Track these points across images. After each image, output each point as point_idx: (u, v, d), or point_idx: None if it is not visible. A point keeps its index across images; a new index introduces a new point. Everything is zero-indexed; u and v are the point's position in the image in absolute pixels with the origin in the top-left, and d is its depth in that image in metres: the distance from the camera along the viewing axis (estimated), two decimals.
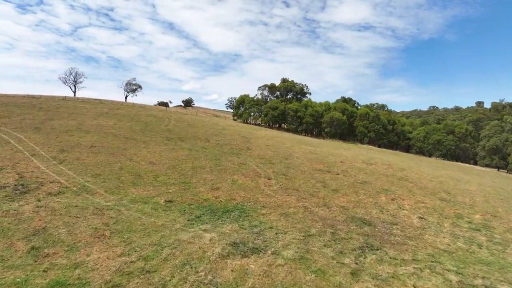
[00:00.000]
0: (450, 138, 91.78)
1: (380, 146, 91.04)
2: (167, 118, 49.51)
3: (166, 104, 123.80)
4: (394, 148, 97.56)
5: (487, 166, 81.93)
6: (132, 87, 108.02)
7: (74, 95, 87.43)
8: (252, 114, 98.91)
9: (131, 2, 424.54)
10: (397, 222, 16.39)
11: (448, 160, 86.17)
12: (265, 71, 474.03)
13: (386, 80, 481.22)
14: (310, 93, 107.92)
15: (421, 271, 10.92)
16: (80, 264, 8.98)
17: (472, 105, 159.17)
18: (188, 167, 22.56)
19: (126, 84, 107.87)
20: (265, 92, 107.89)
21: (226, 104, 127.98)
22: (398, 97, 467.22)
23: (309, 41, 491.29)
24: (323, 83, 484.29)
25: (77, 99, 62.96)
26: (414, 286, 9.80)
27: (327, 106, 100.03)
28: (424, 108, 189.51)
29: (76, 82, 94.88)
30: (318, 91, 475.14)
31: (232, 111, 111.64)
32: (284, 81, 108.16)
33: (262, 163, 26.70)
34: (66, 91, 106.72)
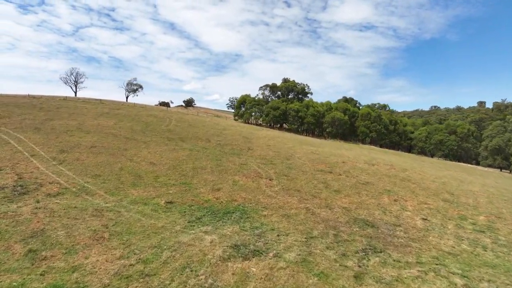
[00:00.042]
0: (452, 138, 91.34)
1: (382, 146, 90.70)
2: (168, 118, 49.38)
3: (167, 104, 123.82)
4: (396, 148, 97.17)
5: (490, 167, 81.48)
6: (133, 87, 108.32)
7: (75, 95, 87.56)
8: (253, 114, 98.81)
9: (133, 2, 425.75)
10: (400, 224, 16.16)
11: (450, 161, 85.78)
12: (266, 71, 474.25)
13: (388, 80, 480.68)
14: (312, 93, 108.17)
15: (426, 274, 10.70)
16: (78, 268, 8.81)
17: (474, 105, 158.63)
18: (189, 168, 22.39)
19: (127, 84, 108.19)
20: (266, 92, 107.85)
21: (227, 104, 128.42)
22: (400, 97, 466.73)
23: (311, 41, 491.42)
24: (325, 83, 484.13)
25: (78, 99, 62.96)
26: None
27: (329, 106, 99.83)
28: (426, 108, 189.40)
29: (77, 82, 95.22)
30: (320, 91, 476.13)
31: (233, 111, 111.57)
32: (286, 81, 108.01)
33: (264, 164, 26.51)
34: (67, 91, 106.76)
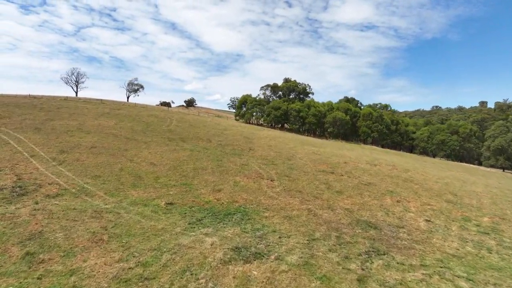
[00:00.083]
0: (454, 138, 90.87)
1: (384, 147, 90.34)
2: (169, 119, 49.25)
3: (168, 104, 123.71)
4: (398, 149, 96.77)
5: (492, 167, 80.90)
6: (134, 87, 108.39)
7: (76, 95, 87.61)
8: (255, 114, 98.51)
9: (134, 3, 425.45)
10: (404, 225, 15.95)
11: (453, 161, 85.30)
12: (268, 71, 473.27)
13: (389, 80, 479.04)
14: (313, 93, 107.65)
15: (430, 278, 10.50)
16: (76, 271, 8.65)
17: (476, 105, 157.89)
18: (190, 168, 22.23)
19: (128, 84, 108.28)
20: (268, 92, 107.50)
21: (228, 104, 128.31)
22: (401, 97, 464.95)
23: (312, 41, 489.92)
24: (326, 83, 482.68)
25: (79, 99, 62.92)
26: None
27: (330, 106, 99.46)
28: (427, 108, 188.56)
29: (78, 82, 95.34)
30: (321, 91, 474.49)
31: (234, 111, 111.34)
32: (287, 81, 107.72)
33: (265, 164, 26.31)
34: (68, 92, 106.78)
